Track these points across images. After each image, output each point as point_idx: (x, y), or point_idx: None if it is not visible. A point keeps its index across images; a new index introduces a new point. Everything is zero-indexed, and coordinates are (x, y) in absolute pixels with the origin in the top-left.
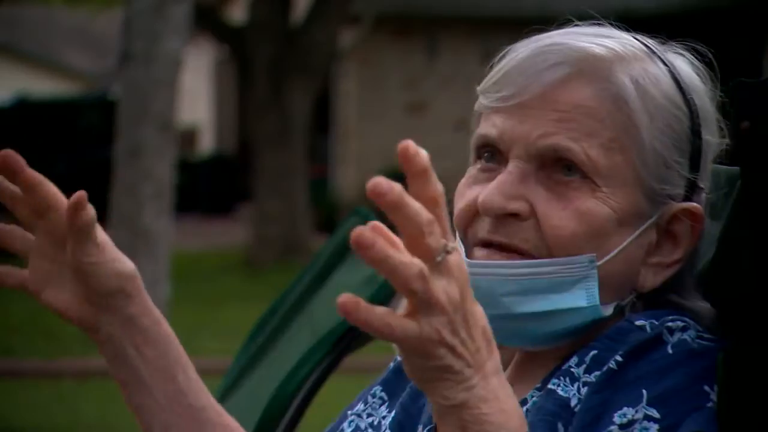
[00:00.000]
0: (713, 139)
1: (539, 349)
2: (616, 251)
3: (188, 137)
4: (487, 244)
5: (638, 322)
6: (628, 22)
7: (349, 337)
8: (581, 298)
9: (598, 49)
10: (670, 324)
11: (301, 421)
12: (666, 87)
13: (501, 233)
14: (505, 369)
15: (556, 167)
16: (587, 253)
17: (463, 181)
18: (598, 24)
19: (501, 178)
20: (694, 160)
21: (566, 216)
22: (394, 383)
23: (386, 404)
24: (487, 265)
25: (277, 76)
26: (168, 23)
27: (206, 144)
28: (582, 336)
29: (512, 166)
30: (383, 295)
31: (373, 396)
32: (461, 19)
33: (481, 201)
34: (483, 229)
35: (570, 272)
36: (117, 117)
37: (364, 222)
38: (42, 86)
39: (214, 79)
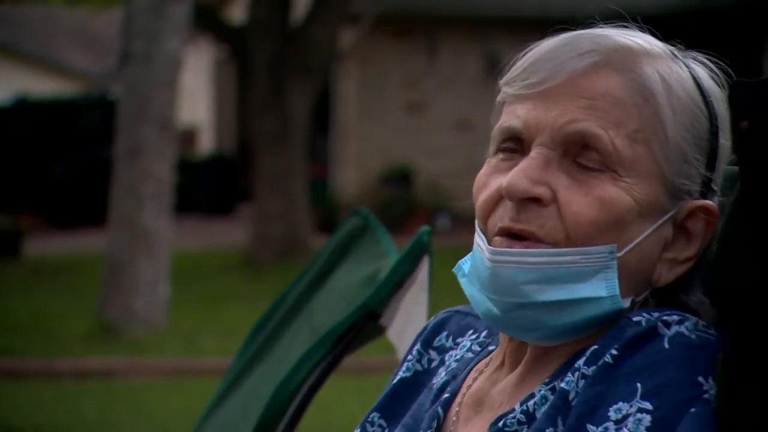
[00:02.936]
0: (728, 143)
1: (554, 344)
2: (636, 242)
3: (188, 137)
4: (506, 233)
5: (635, 318)
6: (629, 22)
7: (349, 337)
8: (601, 288)
9: (627, 41)
10: (665, 318)
11: (301, 421)
12: (689, 87)
13: (522, 220)
14: (516, 366)
15: (579, 155)
16: (606, 241)
17: (483, 171)
18: (624, 26)
19: (525, 163)
20: (711, 161)
21: (588, 203)
22: (391, 408)
23: (386, 430)
24: (508, 253)
25: (277, 76)
26: (168, 23)
27: (206, 144)
28: (598, 331)
29: (536, 152)
30: (382, 296)
31: (372, 424)
32: (461, 19)
33: (506, 184)
34: (505, 215)
35: (590, 262)
36: (117, 117)
37: (364, 222)
38: (42, 86)
39: (214, 79)
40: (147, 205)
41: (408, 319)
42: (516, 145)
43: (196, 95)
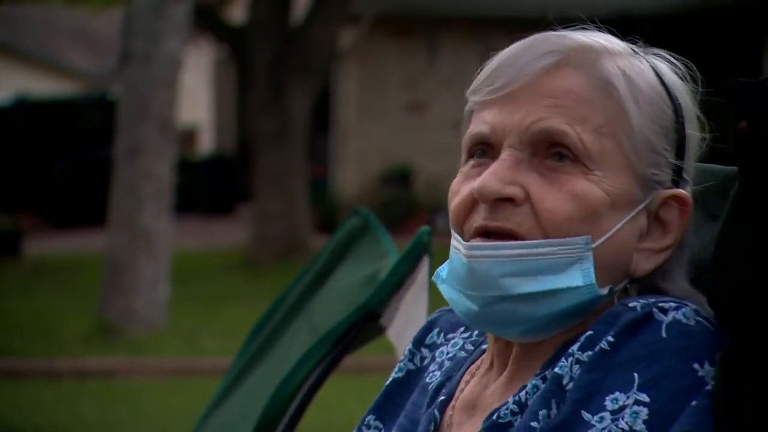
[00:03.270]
0: (695, 134)
1: (537, 339)
2: (610, 233)
3: (188, 137)
4: (482, 233)
5: (631, 304)
6: (628, 21)
7: (349, 337)
8: (577, 278)
9: (586, 40)
10: (661, 304)
11: (301, 421)
12: (651, 80)
13: (497, 218)
14: (505, 367)
15: (548, 153)
16: (580, 234)
17: (456, 180)
18: (584, 28)
19: (495, 165)
20: (680, 150)
21: (561, 198)
22: (385, 409)
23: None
24: (484, 247)
25: (277, 76)
26: (168, 23)
27: (206, 144)
28: (577, 323)
29: (505, 155)
30: (382, 296)
31: (368, 427)
32: (461, 19)
33: (478, 186)
34: (479, 217)
35: (566, 253)
36: (117, 117)
37: (364, 222)
38: (42, 86)
39: (214, 79)
40: (147, 205)
41: (408, 319)
42: (486, 150)
43: (196, 95)
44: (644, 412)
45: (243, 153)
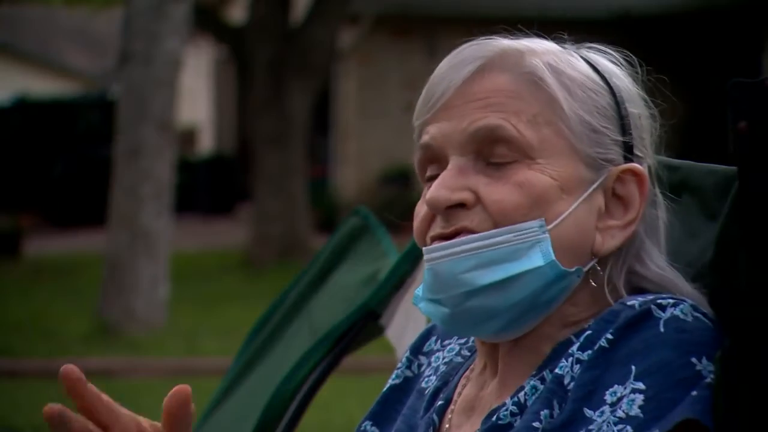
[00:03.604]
0: (639, 111)
1: (518, 333)
2: (564, 215)
3: (188, 137)
4: (438, 239)
5: (629, 303)
6: (629, 22)
7: (349, 337)
8: (537, 259)
9: (509, 43)
10: (660, 301)
11: (301, 420)
12: (580, 67)
13: (450, 224)
14: (495, 369)
15: (491, 154)
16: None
17: (419, 202)
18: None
19: (442, 176)
20: (624, 128)
21: (506, 190)
22: (383, 415)
23: None
24: (442, 247)
25: (276, 76)
26: (168, 23)
27: (206, 144)
28: (552, 308)
29: (451, 165)
30: (382, 295)
31: None
32: (461, 19)
33: (428, 198)
34: (436, 227)
35: (522, 238)
36: (117, 117)
37: (364, 222)
38: (42, 86)
39: (214, 79)
40: (147, 205)
41: (407, 319)
42: (437, 170)
43: (196, 95)
44: (640, 398)
45: (243, 153)
